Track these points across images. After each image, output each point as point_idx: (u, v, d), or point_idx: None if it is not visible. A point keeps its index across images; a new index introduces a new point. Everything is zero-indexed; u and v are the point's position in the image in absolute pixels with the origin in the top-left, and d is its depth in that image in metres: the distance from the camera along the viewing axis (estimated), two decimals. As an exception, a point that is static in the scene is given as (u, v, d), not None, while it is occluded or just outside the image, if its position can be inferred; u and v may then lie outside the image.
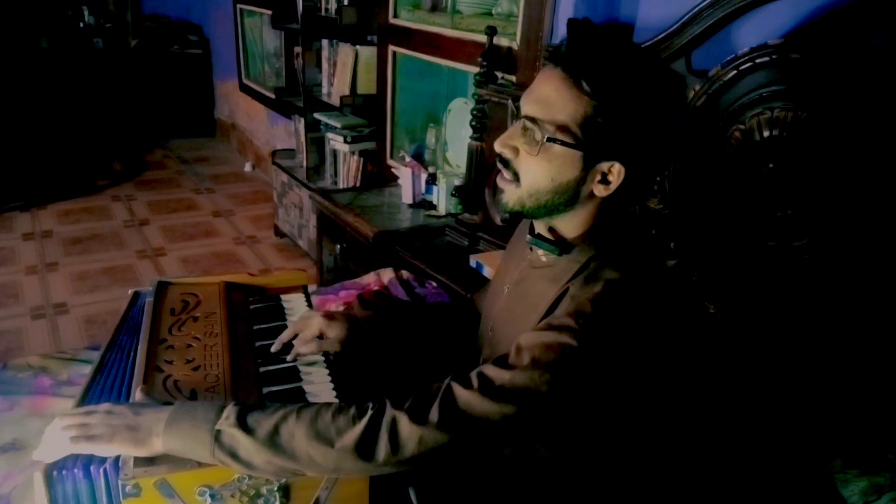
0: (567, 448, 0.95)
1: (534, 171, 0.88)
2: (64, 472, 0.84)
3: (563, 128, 0.84)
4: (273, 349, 1.15)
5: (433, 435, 0.81)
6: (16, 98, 4.72)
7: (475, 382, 0.83)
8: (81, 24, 5.10)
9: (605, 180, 0.86)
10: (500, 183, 0.93)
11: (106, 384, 1.03)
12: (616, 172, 0.85)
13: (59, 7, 4.99)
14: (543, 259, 0.96)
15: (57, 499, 0.84)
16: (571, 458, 0.97)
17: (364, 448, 0.81)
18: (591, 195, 0.88)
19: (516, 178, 0.90)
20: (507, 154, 0.90)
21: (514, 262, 1.07)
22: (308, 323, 1.14)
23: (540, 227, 0.96)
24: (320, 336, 1.14)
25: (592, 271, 0.88)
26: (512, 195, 0.91)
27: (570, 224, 0.92)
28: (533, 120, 0.86)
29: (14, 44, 4.66)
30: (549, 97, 0.85)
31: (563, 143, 0.84)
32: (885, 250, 1.17)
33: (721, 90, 1.36)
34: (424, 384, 0.87)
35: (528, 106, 0.87)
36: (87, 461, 0.85)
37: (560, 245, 0.92)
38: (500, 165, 0.92)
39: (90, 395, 1.00)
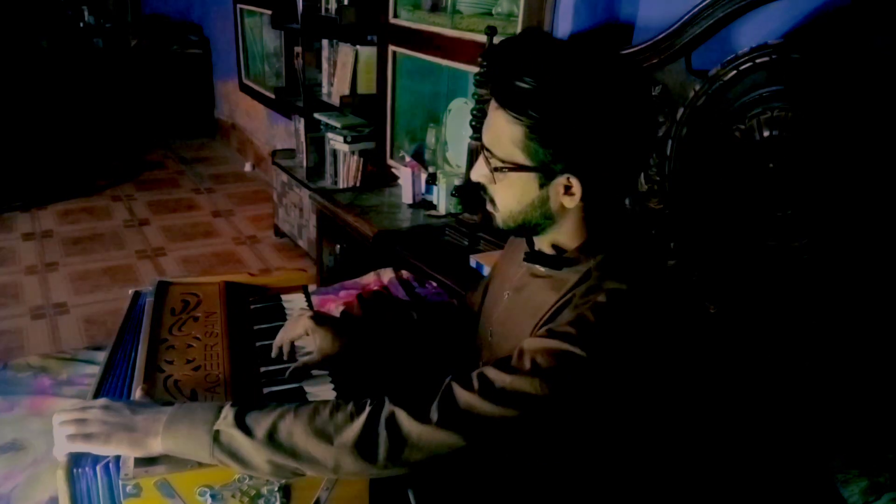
0: (566, 455, 0.95)
1: (501, 197, 0.91)
2: (80, 469, 0.84)
3: (509, 154, 0.86)
4: (273, 355, 1.15)
5: (432, 434, 0.80)
6: (15, 97, 4.72)
7: (476, 384, 0.83)
8: (81, 24, 5.10)
9: (569, 192, 0.86)
10: (487, 207, 0.97)
11: (111, 385, 1.04)
12: (575, 183, 0.85)
13: (59, 7, 5.00)
14: (542, 269, 0.96)
15: (76, 496, 0.85)
16: (571, 466, 0.97)
17: (363, 445, 0.81)
18: (565, 207, 0.88)
19: (493, 202, 0.94)
20: (483, 182, 0.93)
21: (513, 267, 1.06)
22: (296, 324, 1.14)
23: (540, 243, 0.96)
24: (323, 352, 1.12)
25: (595, 281, 0.88)
26: (497, 219, 0.95)
27: (567, 235, 0.92)
28: (488, 149, 0.88)
29: (14, 43, 4.67)
30: (494, 126, 0.87)
31: (511, 170, 0.86)
32: (885, 250, 1.18)
33: (721, 90, 1.36)
34: (423, 384, 0.87)
35: (484, 136, 0.90)
36: (95, 459, 0.85)
37: (557, 261, 0.92)
38: (481, 192, 0.95)
39: (101, 395, 1.00)
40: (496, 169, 0.87)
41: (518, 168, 0.86)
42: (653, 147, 0.96)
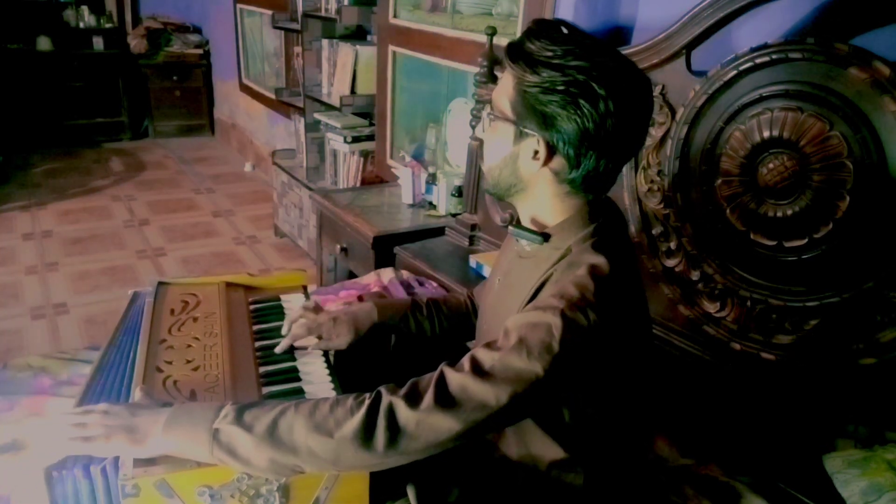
0: (564, 436, 0.95)
1: (486, 147, 0.98)
2: (64, 472, 0.84)
3: (499, 104, 0.92)
4: (278, 350, 1.16)
5: (429, 419, 0.81)
6: (15, 96, 4.74)
7: (467, 365, 0.84)
8: (81, 25, 5.10)
9: (536, 157, 0.89)
10: (481, 164, 1.02)
11: (105, 385, 1.03)
12: (542, 149, 0.88)
13: (58, 7, 5.00)
14: (527, 248, 0.98)
15: (57, 499, 0.84)
16: (573, 452, 0.97)
17: (363, 437, 0.82)
18: (532, 172, 0.91)
19: (482, 156, 0.99)
20: (482, 137, 1.00)
21: (505, 255, 1.10)
22: (317, 321, 1.17)
23: (524, 218, 0.99)
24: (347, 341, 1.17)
25: (575, 256, 0.90)
26: (485, 173, 1.00)
27: (545, 210, 0.95)
28: (490, 102, 0.95)
29: (14, 43, 4.69)
30: (501, 80, 0.92)
31: (496, 117, 0.92)
32: (885, 249, 1.18)
33: (721, 90, 1.36)
34: (421, 374, 0.88)
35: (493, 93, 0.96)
36: (87, 461, 0.85)
37: (539, 234, 0.95)
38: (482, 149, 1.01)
39: (89, 395, 1.01)
40: (489, 114, 0.94)
41: (501, 117, 0.91)
42: (639, 144, 0.96)
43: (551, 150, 0.88)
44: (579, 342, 0.82)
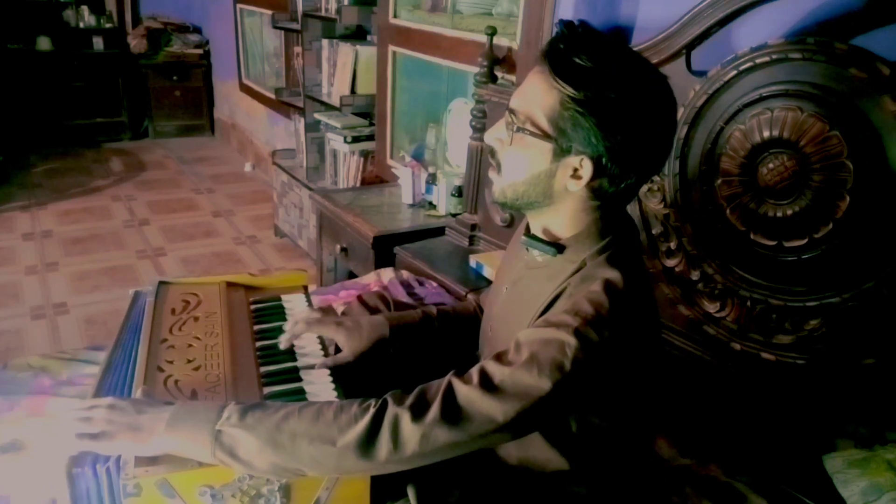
0: (568, 446, 0.95)
1: (510, 161, 0.91)
2: (85, 468, 0.84)
3: (534, 119, 0.86)
4: (283, 346, 1.15)
5: (434, 432, 0.81)
6: (15, 96, 4.73)
7: (475, 378, 0.83)
8: (81, 25, 5.10)
9: (576, 175, 0.87)
10: (490, 174, 0.97)
11: (110, 384, 1.03)
12: (586, 167, 0.85)
13: (58, 7, 5.00)
14: (539, 259, 0.96)
15: (80, 495, 0.84)
16: (577, 462, 0.97)
17: (366, 446, 0.81)
18: (568, 190, 0.88)
19: (499, 168, 0.94)
20: (495, 145, 0.94)
21: (512, 262, 1.08)
22: (324, 324, 1.15)
23: (535, 228, 0.97)
24: (354, 351, 1.14)
25: (589, 270, 0.89)
26: (496, 185, 0.95)
27: (561, 223, 0.93)
28: (512, 111, 0.89)
29: (14, 43, 4.68)
30: (529, 90, 0.87)
31: (532, 133, 0.86)
32: (885, 249, 1.18)
33: (721, 90, 1.36)
34: (427, 381, 0.87)
35: (513, 99, 0.91)
36: (95, 459, 0.85)
37: (553, 246, 0.93)
38: (489, 156, 0.96)
39: (100, 394, 1.00)
40: (518, 129, 0.87)
41: (539, 133, 0.86)
42: (665, 158, 0.95)
43: (599, 169, 0.85)
44: (592, 360, 0.82)
